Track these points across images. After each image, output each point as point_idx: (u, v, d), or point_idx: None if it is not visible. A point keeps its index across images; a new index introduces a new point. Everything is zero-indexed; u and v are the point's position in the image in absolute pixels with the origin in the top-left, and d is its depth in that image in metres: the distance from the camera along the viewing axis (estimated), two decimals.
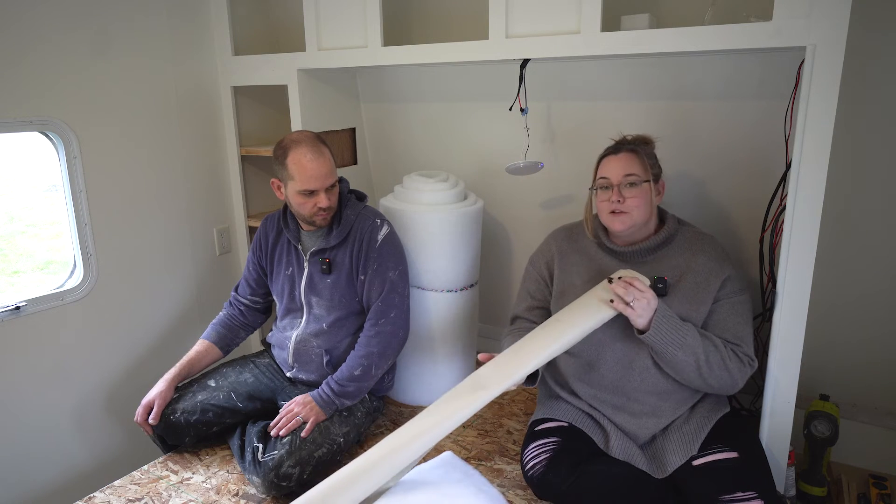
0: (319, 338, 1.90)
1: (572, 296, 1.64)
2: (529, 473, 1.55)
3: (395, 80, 2.39)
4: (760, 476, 1.44)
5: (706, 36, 1.52)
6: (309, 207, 1.78)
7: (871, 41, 1.66)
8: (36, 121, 1.91)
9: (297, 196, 1.77)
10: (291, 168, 1.75)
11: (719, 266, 1.57)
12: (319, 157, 1.75)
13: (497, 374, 1.47)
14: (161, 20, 2.21)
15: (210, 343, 1.98)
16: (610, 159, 1.62)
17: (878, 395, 1.90)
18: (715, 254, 1.60)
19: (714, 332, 1.55)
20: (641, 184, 1.57)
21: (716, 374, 1.50)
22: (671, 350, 1.48)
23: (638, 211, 1.58)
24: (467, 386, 1.48)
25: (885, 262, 1.82)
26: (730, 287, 1.56)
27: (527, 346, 1.51)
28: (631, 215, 1.57)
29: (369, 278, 1.84)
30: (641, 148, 1.62)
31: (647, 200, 1.58)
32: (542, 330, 1.55)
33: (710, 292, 1.55)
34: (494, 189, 2.29)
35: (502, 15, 1.79)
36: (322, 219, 1.81)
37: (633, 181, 1.57)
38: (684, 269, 1.58)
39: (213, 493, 1.66)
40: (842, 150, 1.66)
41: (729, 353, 1.52)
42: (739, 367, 1.52)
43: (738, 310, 1.56)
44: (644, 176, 1.58)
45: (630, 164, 1.58)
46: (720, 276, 1.56)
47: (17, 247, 2.86)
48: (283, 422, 1.72)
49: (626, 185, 1.57)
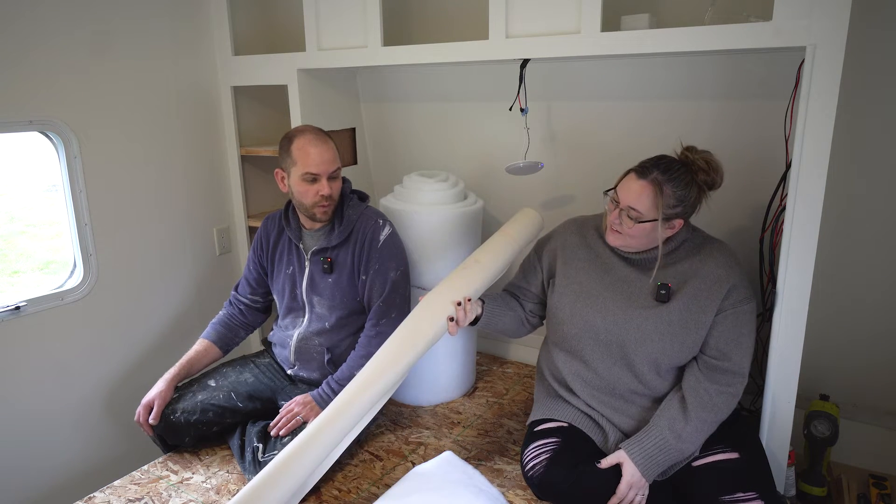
0: (321, 336, 1.90)
1: (581, 292, 1.63)
2: (529, 474, 1.55)
3: (395, 80, 2.39)
4: (761, 476, 1.44)
5: (706, 36, 1.51)
6: (311, 196, 1.77)
7: (871, 41, 1.66)
8: (36, 121, 1.91)
9: (300, 183, 1.77)
10: (295, 153, 1.76)
11: (726, 273, 1.52)
12: (323, 143, 1.77)
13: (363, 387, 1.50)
14: (161, 20, 2.21)
15: (210, 342, 1.98)
16: (629, 179, 1.50)
17: (878, 395, 1.90)
18: (724, 260, 1.54)
19: (710, 346, 1.52)
20: (644, 222, 1.48)
21: (717, 412, 1.49)
22: (688, 450, 1.47)
23: (634, 240, 1.53)
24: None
25: (885, 262, 1.82)
26: (735, 296, 1.50)
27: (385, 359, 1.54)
28: (625, 239, 1.54)
29: (371, 278, 1.84)
30: (673, 182, 1.45)
31: (647, 235, 1.51)
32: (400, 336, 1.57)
33: (713, 300, 1.51)
34: (494, 189, 2.29)
35: (502, 15, 1.79)
36: (322, 211, 1.81)
37: (635, 217, 1.49)
38: (690, 275, 1.54)
39: (213, 493, 1.66)
40: (842, 150, 1.66)
41: (706, 391, 1.49)
42: (724, 389, 1.49)
43: (741, 320, 1.51)
44: (650, 215, 1.47)
45: (641, 199, 1.47)
46: (725, 285, 1.50)
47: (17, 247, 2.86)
48: (283, 422, 1.72)
49: (628, 216, 1.50)
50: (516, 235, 1.72)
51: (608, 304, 1.59)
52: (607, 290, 1.61)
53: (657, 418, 1.52)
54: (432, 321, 1.56)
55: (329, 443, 1.42)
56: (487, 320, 1.70)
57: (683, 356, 1.54)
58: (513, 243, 1.72)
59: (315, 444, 1.41)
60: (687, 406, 1.49)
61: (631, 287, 1.59)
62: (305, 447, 1.40)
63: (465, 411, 2.07)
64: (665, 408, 1.53)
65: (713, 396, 1.49)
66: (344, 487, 1.67)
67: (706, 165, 1.49)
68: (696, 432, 1.48)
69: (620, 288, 1.60)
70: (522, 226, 1.76)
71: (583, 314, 1.62)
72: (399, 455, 1.82)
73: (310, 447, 1.40)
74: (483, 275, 1.64)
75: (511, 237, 1.72)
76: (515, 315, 1.77)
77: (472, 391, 2.20)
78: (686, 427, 1.47)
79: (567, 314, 1.65)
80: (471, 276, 1.63)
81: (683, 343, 1.53)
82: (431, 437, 1.91)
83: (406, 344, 1.53)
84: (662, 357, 1.54)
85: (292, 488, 1.38)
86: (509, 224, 1.77)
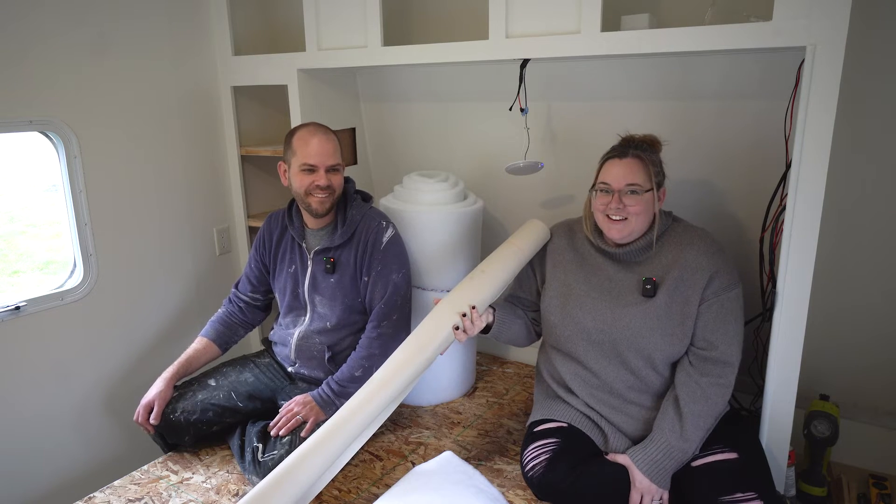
0: (322, 335, 1.90)
1: (570, 295, 1.64)
2: (529, 474, 1.55)
3: (395, 80, 2.39)
4: (760, 477, 1.44)
5: (706, 36, 1.52)
6: (307, 186, 1.77)
7: (871, 40, 1.66)
8: (36, 121, 1.91)
9: (298, 174, 1.77)
10: (296, 144, 1.77)
11: (708, 260, 1.53)
12: (324, 135, 1.78)
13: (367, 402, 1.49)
14: (161, 20, 2.21)
15: (208, 340, 1.98)
16: (614, 163, 1.56)
17: (878, 395, 1.90)
18: (704, 247, 1.55)
19: (697, 336, 1.53)
20: (644, 193, 1.53)
21: (711, 404, 1.50)
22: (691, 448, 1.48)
23: (638, 219, 1.54)
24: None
25: (885, 262, 1.82)
26: (717, 284, 1.52)
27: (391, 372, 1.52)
28: (630, 223, 1.54)
29: (373, 280, 1.84)
30: (647, 153, 1.56)
31: (647, 209, 1.55)
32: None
33: (696, 290, 1.52)
34: (494, 189, 2.29)
35: (502, 15, 1.79)
36: (318, 201, 1.79)
37: (636, 190, 1.52)
38: (672, 266, 1.56)
39: (213, 493, 1.66)
40: (842, 150, 1.66)
41: (696, 383, 1.50)
42: (715, 381, 1.50)
43: (726, 308, 1.52)
44: (647, 185, 1.53)
45: (634, 173, 1.53)
46: (707, 272, 1.52)
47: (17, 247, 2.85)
48: (283, 421, 1.72)
49: (628, 193, 1.53)
50: (523, 246, 1.72)
51: (597, 305, 1.61)
52: (595, 290, 1.63)
53: (658, 423, 1.53)
54: (437, 331, 1.55)
55: (334, 451, 1.42)
56: (499, 328, 1.71)
57: (676, 349, 1.55)
58: (519, 254, 1.70)
59: (321, 451, 1.40)
60: (680, 403, 1.50)
61: (618, 285, 1.61)
62: (311, 454, 1.39)
63: (465, 411, 2.07)
64: (663, 412, 1.54)
65: (704, 388, 1.50)
66: (344, 487, 1.67)
67: (652, 140, 1.62)
68: (694, 428, 1.48)
69: (607, 287, 1.62)
70: (529, 237, 1.75)
71: (573, 316, 1.63)
72: (399, 455, 1.82)
73: (316, 454, 1.40)
74: (489, 285, 1.63)
75: (518, 248, 1.71)
76: (523, 323, 1.78)
77: (472, 391, 2.20)
78: (684, 424, 1.48)
79: (558, 317, 1.66)
80: (476, 286, 1.62)
81: (673, 335, 1.54)
82: (431, 437, 1.91)
83: (413, 354, 1.53)
84: (655, 351, 1.55)
85: (298, 493, 1.37)
86: (516, 235, 1.77)
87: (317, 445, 1.40)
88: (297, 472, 1.36)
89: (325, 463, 1.40)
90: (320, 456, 1.39)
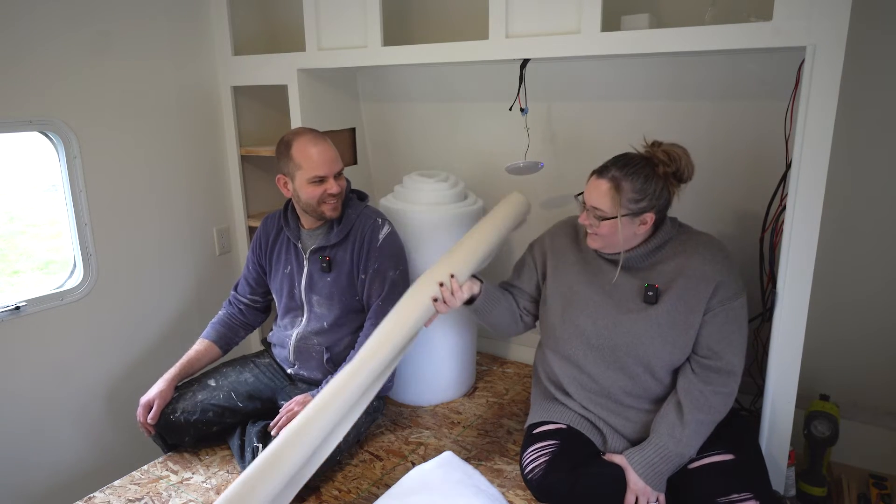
0: (320, 336, 1.90)
1: (571, 297, 1.64)
2: (529, 476, 1.55)
3: (395, 80, 2.39)
4: (756, 477, 1.44)
5: (706, 36, 1.51)
6: (320, 196, 1.78)
7: (871, 41, 1.65)
8: (36, 121, 1.91)
9: (307, 187, 1.77)
10: (298, 158, 1.76)
11: (713, 270, 1.50)
12: (323, 143, 1.78)
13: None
14: (161, 20, 2.21)
15: (210, 342, 1.98)
16: (591, 181, 1.52)
17: (879, 395, 1.90)
18: (710, 255, 1.52)
19: (701, 345, 1.52)
20: (606, 220, 1.49)
21: (713, 413, 1.49)
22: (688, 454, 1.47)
23: (606, 239, 1.53)
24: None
25: (885, 262, 1.82)
26: (722, 293, 1.49)
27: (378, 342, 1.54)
28: (600, 238, 1.53)
29: (370, 278, 1.84)
30: (632, 177, 1.46)
31: (613, 232, 1.50)
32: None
33: (700, 299, 1.50)
34: (494, 189, 2.28)
35: (502, 15, 1.79)
36: (331, 208, 1.81)
37: (598, 215, 1.50)
38: (677, 274, 1.53)
39: (213, 493, 1.66)
40: (842, 150, 1.66)
41: (700, 391, 1.49)
42: (718, 390, 1.49)
43: (731, 317, 1.50)
44: (610, 213, 1.47)
45: (600, 197, 1.48)
46: (712, 282, 1.49)
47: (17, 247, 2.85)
48: (283, 421, 1.71)
49: (594, 216, 1.51)
50: (503, 216, 1.75)
51: (598, 309, 1.59)
52: (597, 294, 1.61)
53: (656, 425, 1.52)
54: (417, 305, 1.56)
55: (317, 434, 1.42)
56: (484, 301, 1.67)
57: (676, 357, 1.54)
58: (499, 224, 1.73)
59: (304, 434, 1.41)
60: (683, 410, 1.49)
61: (619, 290, 1.59)
62: (295, 438, 1.40)
63: (465, 411, 2.07)
64: (663, 414, 1.53)
65: (708, 398, 1.49)
66: (344, 487, 1.67)
67: (666, 157, 1.47)
68: (695, 435, 1.47)
69: (609, 292, 1.60)
70: (508, 209, 1.78)
71: (573, 319, 1.62)
72: (399, 455, 1.82)
73: (299, 438, 1.40)
74: (467, 255, 1.64)
75: (497, 219, 1.74)
76: (510, 308, 1.75)
77: (472, 391, 2.20)
78: (684, 431, 1.47)
79: (558, 319, 1.66)
80: (454, 256, 1.63)
81: (675, 344, 1.52)
82: (431, 437, 1.91)
83: (392, 330, 1.54)
84: (655, 359, 1.54)
85: (283, 481, 1.37)
86: (495, 208, 1.80)
87: (296, 432, 1.41)
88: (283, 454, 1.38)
89: (306, 452, 1.40)
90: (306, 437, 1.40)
